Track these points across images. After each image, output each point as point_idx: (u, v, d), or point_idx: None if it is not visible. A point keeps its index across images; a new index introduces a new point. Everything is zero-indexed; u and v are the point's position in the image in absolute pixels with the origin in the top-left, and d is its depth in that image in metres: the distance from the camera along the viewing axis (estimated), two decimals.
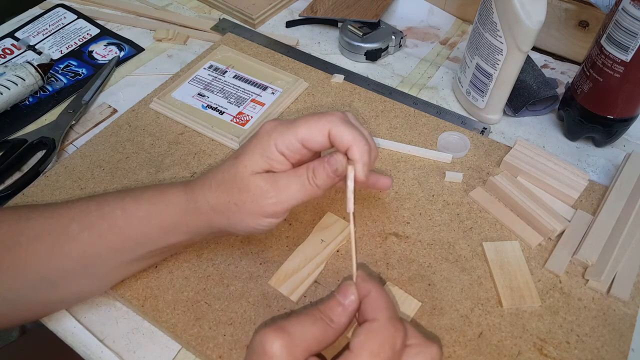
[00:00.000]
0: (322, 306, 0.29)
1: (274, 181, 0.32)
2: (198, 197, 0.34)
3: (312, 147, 0.33)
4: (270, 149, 0.33)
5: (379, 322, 0.27)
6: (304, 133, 0.32)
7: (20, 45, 0.61)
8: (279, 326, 0.27)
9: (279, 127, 0.33)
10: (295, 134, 0.32)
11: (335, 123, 0.32)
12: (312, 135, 0.32)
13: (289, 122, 0.33)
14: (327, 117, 0.33)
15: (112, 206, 0.35)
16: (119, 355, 0.36)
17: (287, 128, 0.33)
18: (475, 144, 0.50)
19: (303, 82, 0.55)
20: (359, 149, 0.32)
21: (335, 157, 0.32)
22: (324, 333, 0.28)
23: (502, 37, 0.46)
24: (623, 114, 0.47)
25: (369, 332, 0.27)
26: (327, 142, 0.33)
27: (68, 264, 0.34)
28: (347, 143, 0.32)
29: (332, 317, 0.28)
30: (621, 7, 0.41)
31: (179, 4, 0.69)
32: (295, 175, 0.33)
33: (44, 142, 0.49)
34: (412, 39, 0.65)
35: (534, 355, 0.36)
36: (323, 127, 0.32)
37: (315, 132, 0.32)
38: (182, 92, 0.54)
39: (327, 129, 0.32)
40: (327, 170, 0.32)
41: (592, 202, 0.45)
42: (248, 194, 0.32)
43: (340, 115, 0.33)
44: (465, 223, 0.44)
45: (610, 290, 0.39)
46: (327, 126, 0.32)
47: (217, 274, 0.40)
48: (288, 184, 0.33)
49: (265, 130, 0.33)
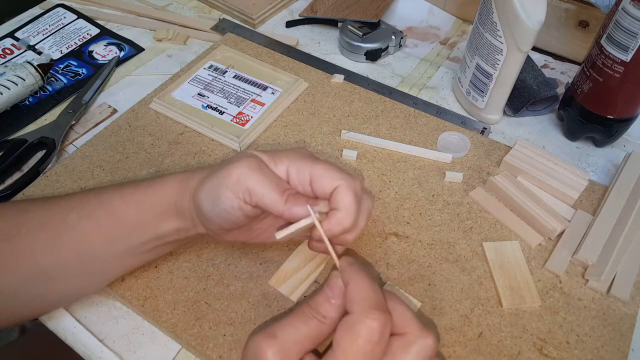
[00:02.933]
0: (312, 301, 0.28)
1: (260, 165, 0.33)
2: (192, 178, 0.35)
3: (315, 188, 0.33)
4: (281, 159, 0.33)
5: (352, 315, 0.27)
6: (318, 172, 0.32)
7: (20, 45, 0.61)
8: (270, 332, 0.27)
9: (305, 155, 0.34)
10: (311, 166, 0.33)
11: (347, 187, 0.32)
12: (323, 178, 0.32)
13: (315, 158, 0.34)
14: (346, 175, 0.32)
15: (111, 193, 0.35)
16: (119, 355, 0.36)
17: (310, 158, 0.33)
18: (475, 144, 0.50)
19: (303, 82, 0.55)
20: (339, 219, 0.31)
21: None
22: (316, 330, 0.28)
23: (502, 37, 0.46)
24: (623, 114, 0.47)
25: (343, 327, 0.26)
26: (328, 194, 0.32)
27: (65, 255, 0.34)
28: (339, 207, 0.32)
29: (322, 313, 0.28)
30: (621, 7, 0.41)
31: (179, 4, 0.69)
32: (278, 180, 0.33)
33: (44, 142, 0.49)
34: (412, 39, 0.65)
35: (534, 355, 0.36)
36: (337, 179, 0.32)
37: (327, 179, 0.32)
38: (182, 92, 0.54)
39: (338, 184, 0.32)
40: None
41: (592, 202, 0.45)
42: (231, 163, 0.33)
43: (357, 183, 0.33)
44: (465, 223, 0.44)
45: (610, 290, 0.39)
46: (339, 182, 0.32)
47: (217, 274, 0.40)
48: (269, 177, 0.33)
49: (293, 150, 0.34)
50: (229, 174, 0.32)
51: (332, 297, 0.28)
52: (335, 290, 0.28)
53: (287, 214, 0.31)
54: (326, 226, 0.31)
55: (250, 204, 0.32)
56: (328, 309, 0.28)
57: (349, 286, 0.28)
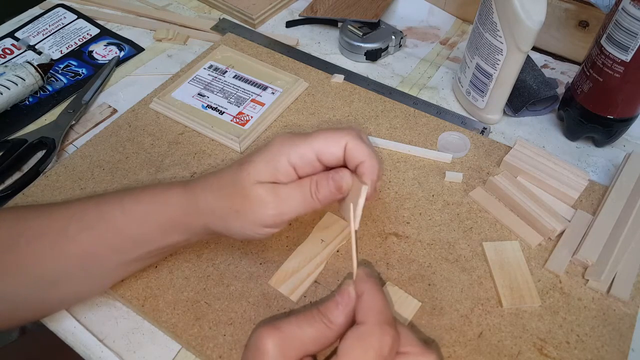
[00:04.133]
0: (322, 307, 0.29)
1: (276, 192, 0.32)
2: (199, 198, 0.34)
3: (327, 159, 0.33)
4: (279, 160, 0.32)
5: (365, 326, 0.27)
6: (320, 144, 0.32)
7: (20, 45, 0.61)
8: (275, 325, 0.27)
9: (293, 139, 0.33)
10: (311, 145, 0.32)
11: (353, 137, 0.32)
12: (329, 147, 0.32)
13: (305, 135, 0.33)
14: (345, 130, 0.33)
15: (111, 206, 0.34)
16: (119, 355, 0.36)
17: (302, 140, 0.33)
18: (475, 144, 0.50)
19: (303, 82, 0.55)
20: (371, 166, 0.32)
21: (340, 173, 0.33)
22: (321, 334, 0.28)
23: (502, 37, 0.46)
24: (623, 114, 0.47)
25: (354, 336, 0.27)
26: (341, 155, 0.33)
27: (67, 264, 0.34)
28: (362, 158, 0.32)
29: (330, 318, 0.28)
30: (621, 7, 0.41)
31: (179, 4, 0.69)
32: (299, 187, 0.33)
33: (44, 142, 0.49)
34: (412, 39, 0.65)
35: (534, 355, 0.36)
36: (340, 139, 0.32)
37: (332, 143, 0.32)
38: (182, 92, 0.54)
39: (345, 141, 0.32)
40: (331, 186, 0.32)
41: (592, 202, 0.45)
42: (249, 202, 0.32)
43: (357, 130, 0.33)
44: (465, 223, 0.44)
45: (610, 290, 0.39)
46: (345, 139, 0.32)
47: (217, 274, 0.40)
48: (290, 195, 0.32)
49: (277, 142, 0.33)
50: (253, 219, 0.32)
51: (342, 303, 0.28)
52: (345, 297, 0.29)
53: (322, 205, 0.33)
54: (369, 177, 0.32)
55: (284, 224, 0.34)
56: (336, 315, 0.28)
57: (364, 296, 0.28)
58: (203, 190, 0.34)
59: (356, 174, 0.33)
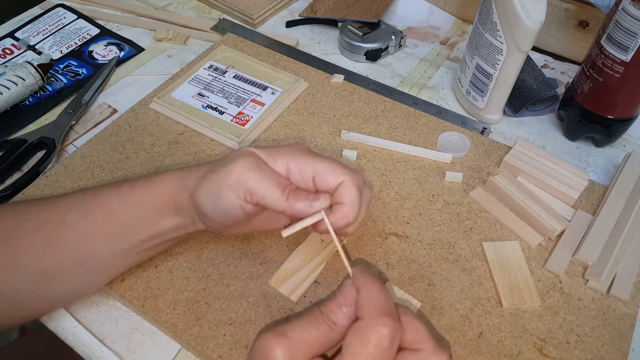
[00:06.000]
0: (324, 307, 0.29)
1: (258, 165, 0.33)
2: (191, 174, 0.35)
3: (320, 184, 0.33)
4: (281, 158, 0.33)
5: (362, 321, 0.27)
6: (321, 168, 0.33)
7: (20, 45, 0.61)
8: (281, 331, 0.27)
9: (305, 151, 0.34)
10: (314, 163, 0.33)
11: (352, 180, 0.32)
12: (327, 174, 0.32)
13: (316, 154, 0.34)
14: (350, 171, 0.33)
15: (108, 193, 0.35)
16: (119, 355, 0.36)
17: (310, 155, 0.33)
18: (475, 144, 0.50)
19: (303, 82, 0.55)
20: (346, 212, 0.32)
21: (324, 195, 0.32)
22: (326, 336, 0.28)
23: (502, 37, 0.46)
24: (623, 114, 0.47)
25: (353, 332, 0.27)
26: (333, 188, 0.33)
27: (64, 255, 0.34)
28: (344, 202, 0.32)
29: (333, 319, 0.28)
30: (621, 7, 0.41)
31: (179, 4, 0.69)
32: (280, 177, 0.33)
33: (44, 142, 0.49)
34: (412, 39, 0.65)
35: (534, 355, 0.36)
36: (341, 175, 0.32)
37: (332, 174, 0.32)
38: (182, 92, 0.54)
39: (343, 179, 0.32)
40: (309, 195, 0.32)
41: (592, 202, 0.45)
42: (228, 163, 0.33)
43: (361, 180, 0.33)
44: (465, 223, 0.44)
45: (610, 290, 0.39)
46: (344, 177, 0.32)
47: (217, 274, 0.40)
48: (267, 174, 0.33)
49: (293, 146, 0.34)
50: (228, 173, 0.32)
51: (344, 304, 0.28)
52: (348, 298, 0.28)
53: (289, 211, 0.32)
54: (331, 219, 0.32)
55: (251, 202, 0.32)
56: (340, 316, 0.28)
57: (361, 292, 0.28)
58: (197, 167, 0.35)
59: (330, 208, 0.33)
